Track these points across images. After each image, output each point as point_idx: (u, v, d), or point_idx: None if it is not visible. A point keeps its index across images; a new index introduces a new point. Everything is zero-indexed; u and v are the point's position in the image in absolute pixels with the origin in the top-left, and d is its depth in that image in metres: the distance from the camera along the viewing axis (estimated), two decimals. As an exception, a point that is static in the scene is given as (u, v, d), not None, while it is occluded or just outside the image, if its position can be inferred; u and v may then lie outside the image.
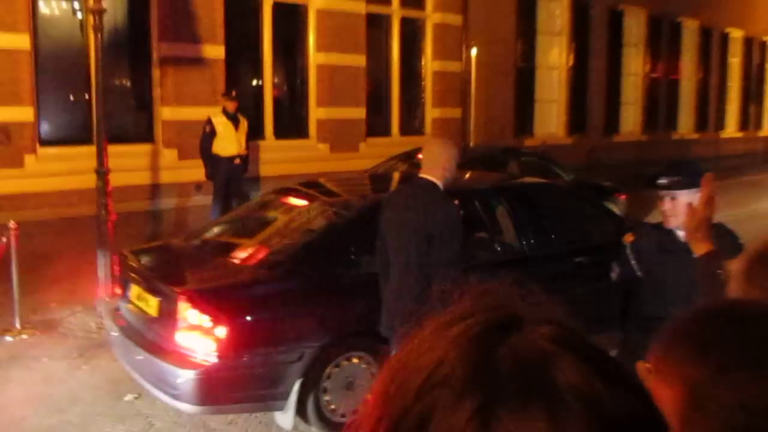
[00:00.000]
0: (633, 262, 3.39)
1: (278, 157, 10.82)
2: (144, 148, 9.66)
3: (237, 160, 9.19)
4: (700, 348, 0.88)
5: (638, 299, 3.40)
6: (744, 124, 22.42)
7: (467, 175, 6.20)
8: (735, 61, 21.78)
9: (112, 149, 7.01)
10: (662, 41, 18.30)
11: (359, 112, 11.81)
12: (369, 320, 4.06)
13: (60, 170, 8.68)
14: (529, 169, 9.36)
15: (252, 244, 5.06)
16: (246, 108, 9.76)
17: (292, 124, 11.45)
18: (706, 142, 19.76)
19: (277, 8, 10.95)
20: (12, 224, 6.03)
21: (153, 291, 4.40)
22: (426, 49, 13.07)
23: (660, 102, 18.52)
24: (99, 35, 6.44)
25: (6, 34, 8.29)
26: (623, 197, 10.21)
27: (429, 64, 13.09)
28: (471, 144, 12.94)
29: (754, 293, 1.55)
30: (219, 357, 3.96)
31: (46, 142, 8.89)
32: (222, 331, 3.94)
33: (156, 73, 9.75)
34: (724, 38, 20.92)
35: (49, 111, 9.00)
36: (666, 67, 18.57)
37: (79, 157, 8.39)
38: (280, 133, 11.19)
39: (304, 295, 4.40)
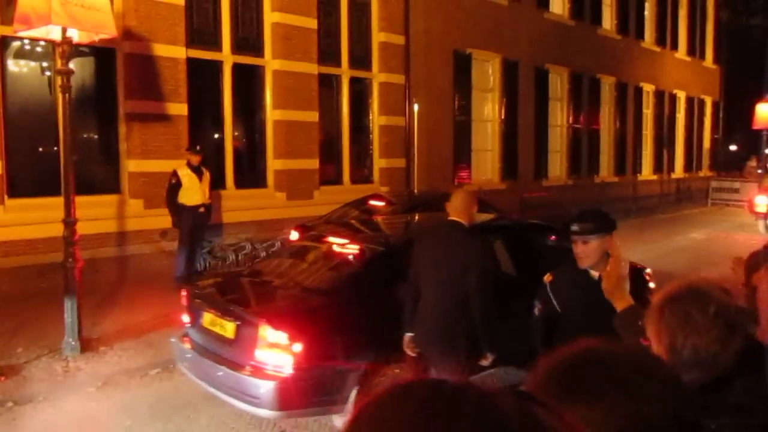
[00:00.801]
0: (553, 299, 3.45)
1: (239, 204, 10.77)
2: (111, 199, 9.51)
3: (201, 209, 9.12)
4: (591, 394, 0.91)
5: (559, 332, 3.46)
6: (658, 167, 23.16)
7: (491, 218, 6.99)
8: (648, 113, 22.56)
9: (81, 200, 6.87)
10: (583, 95, 18.87)
11: (313, 163, 11.86)
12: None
13: (28, 220, 8.46)
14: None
15: (308, 275, 5.48)
16: (208, 160, 9.73)
17: (251, 174, 11.42)
18: (625, 185, 20.33)
19: (236, 69, 11.02)
20: (-20, 274, 5.82)
21: (229, 316, 4.74)
22: (373, 105, 13.26)
23: (583, 150, 18.99)
24: (67, 95, 6.34)
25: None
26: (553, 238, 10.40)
27: (376, 118, 13.26)
28: (416, 190, 13.08)
29: (663, 333, 1.60)
30: (295, 369, 4.32)
31: (14, 194, 8.67)
32: (297, 347, 4.34)
33: (122, 128, 9.66)
34: (638, 92, 21.72)
35: (17, 164, 8.80)
36: (587, 118, 19.09)
37: (48, 207, 8.21)
38: (241, 183, 11.15)
39: (359, 317, 4.79)
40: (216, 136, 11.05)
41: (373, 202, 9.62)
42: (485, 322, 4.18)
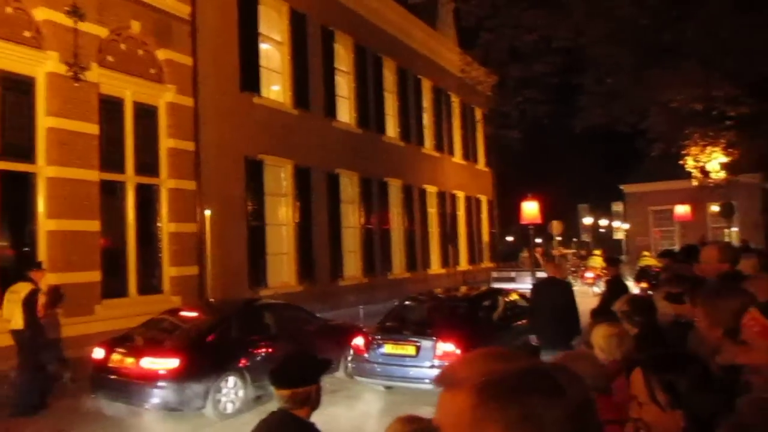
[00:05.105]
0: None
1: (2, 327, 9.54)
2: None
3: None
4: None
5: None
6: (445, 261, 24.80)
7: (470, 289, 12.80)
8: (433, 212, 24.27)
9: None
10: (373, 198, 19.89)
11: (94, 276, 11.02)
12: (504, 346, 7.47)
13: None
14: (284, 318, 9.77)
15: (441, 316, 9.57)
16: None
17: (18, 291, 10.24)
18: (417, 280, 21.45)
19: (2, 176, 10.08)
20: None
21: (409, 342, 8.64)
22: (162, 212, 12.82)
23: (376, 249, 19.80)
24: None
25: None
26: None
27: (165, 225, 12.81)
28: (211, 298, 12.66)
29: None
30: None
31: None
32: (459, 351, 8.08)
33: None
34: (423, 193, 23.38)
35: None
36: (378, 219, 20.03)
37: None
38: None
39: (483, 332, 9.20)
40: (-25, 250, 9.87)
41: (184, 313, 9.54)
42: (577, 322, 8.06)
